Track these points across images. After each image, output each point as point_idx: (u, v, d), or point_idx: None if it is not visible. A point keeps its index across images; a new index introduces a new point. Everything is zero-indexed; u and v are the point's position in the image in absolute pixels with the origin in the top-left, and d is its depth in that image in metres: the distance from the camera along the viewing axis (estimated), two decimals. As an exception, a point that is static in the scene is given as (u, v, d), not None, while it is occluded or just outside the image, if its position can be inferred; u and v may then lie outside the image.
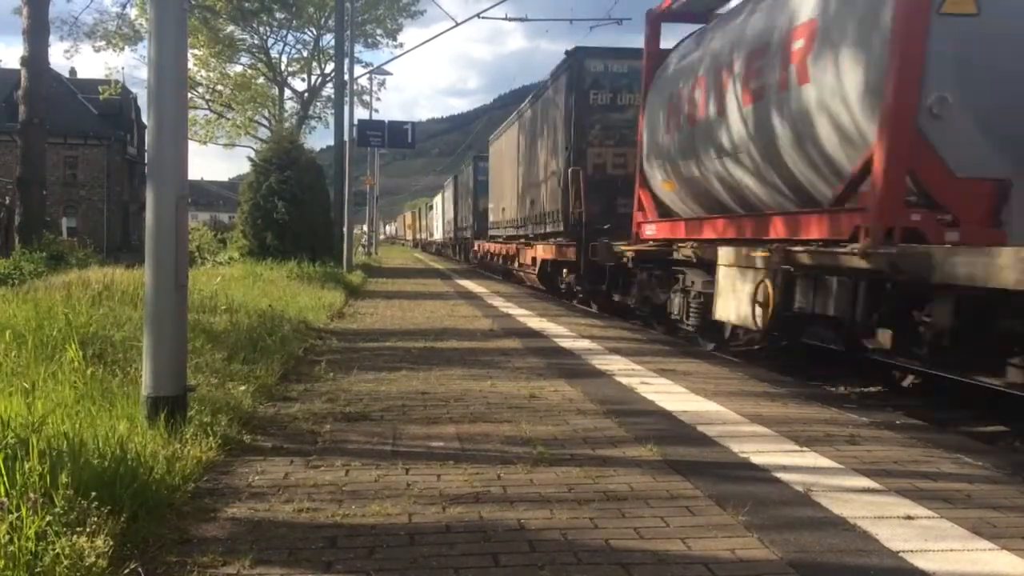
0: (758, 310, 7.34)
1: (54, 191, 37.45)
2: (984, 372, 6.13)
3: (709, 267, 8.80)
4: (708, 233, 9.18)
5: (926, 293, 5.81)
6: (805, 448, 4.39)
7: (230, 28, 34.79)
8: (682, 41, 10.83)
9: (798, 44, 6.96)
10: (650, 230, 11.07)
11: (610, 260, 12.49)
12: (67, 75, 50.49)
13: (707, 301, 9.01)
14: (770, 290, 7.18)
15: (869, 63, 6.09)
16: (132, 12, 30.39)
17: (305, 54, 37.59)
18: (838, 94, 6.44)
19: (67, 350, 4.95)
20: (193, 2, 27.89)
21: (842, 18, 6.47)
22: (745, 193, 8.50)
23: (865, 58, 6.13)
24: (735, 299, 7.89)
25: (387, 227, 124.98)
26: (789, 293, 7.24)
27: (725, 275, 8.18)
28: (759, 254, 7.44)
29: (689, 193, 9.98)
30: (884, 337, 6.27)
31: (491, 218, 26.79)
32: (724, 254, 8.27)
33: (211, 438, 4.02)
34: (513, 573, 2.74)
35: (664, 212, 10.99)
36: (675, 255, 9.93)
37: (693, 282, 9.56)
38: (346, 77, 23.69)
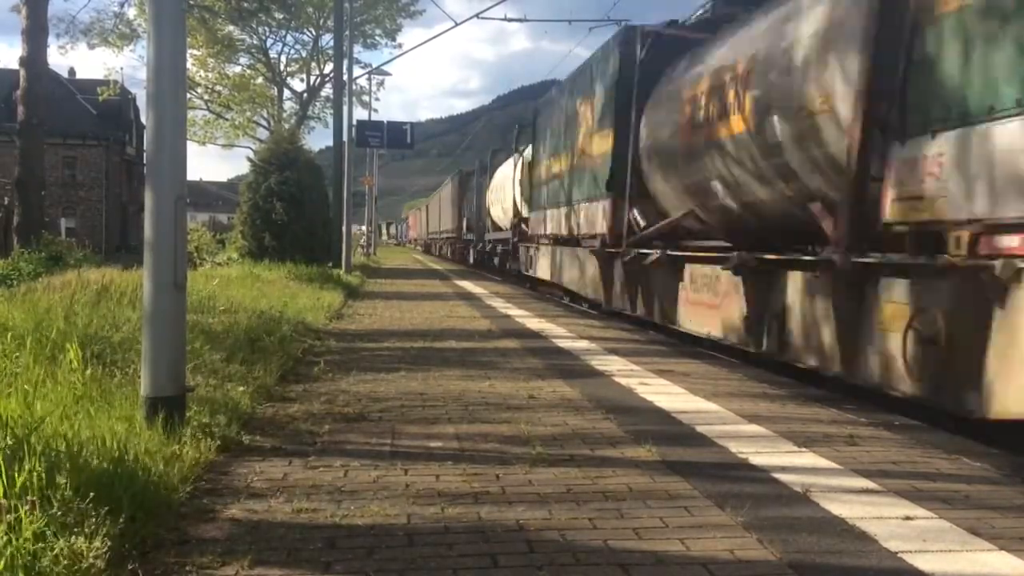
0: None
1: (53, 192, 37.34)
2: None
3: None
4: None
5: None
6: (804, 448, 4.39)
7: (229, 28, 34.73)
8: None
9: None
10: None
11: None
12: (66, 75, 50.43)
13: None
14: None
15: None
16: (131, 12, 30.37)
17: (304, 54, 37.54)
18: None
19: (66, 351, 4.94)
20: (192, 2, 27.82)
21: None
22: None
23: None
24: None
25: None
26: None
27: None
28: None
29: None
30: None
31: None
32: None
33: (210, 439, 4.02)
34: (512, 574, 2.73)
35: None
36: None
37: None
38: (345, 77, 23.67)
